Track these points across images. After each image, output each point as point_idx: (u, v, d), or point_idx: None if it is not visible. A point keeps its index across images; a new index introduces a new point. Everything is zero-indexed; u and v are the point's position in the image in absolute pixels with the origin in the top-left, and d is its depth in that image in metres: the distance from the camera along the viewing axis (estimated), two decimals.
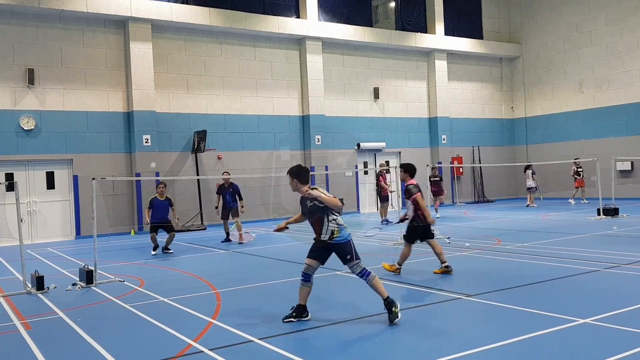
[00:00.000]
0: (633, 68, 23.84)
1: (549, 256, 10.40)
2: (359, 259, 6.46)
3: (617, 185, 20.30)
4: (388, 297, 6.36)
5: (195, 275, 10.16)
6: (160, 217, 13.48)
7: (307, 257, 6.58)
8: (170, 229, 13.58)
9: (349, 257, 6.41)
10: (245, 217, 18.37)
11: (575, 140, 25.83)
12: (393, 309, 6.28)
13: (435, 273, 9.07)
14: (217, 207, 15.05)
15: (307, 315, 6.56)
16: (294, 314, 6.52)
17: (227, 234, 14.89)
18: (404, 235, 9.39)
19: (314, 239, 6.59)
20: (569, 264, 9.57)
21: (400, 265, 9.21)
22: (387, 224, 17.45)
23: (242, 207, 14.81)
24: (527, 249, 11.44)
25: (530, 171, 22.64)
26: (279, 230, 6.86)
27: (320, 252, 6.55)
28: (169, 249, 13.46)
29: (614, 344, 5.28)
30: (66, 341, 6.27)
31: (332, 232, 6.41)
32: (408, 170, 9.44)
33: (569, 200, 22.93)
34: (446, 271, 9.02)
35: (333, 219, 6.44)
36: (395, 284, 8.55)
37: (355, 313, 6.80)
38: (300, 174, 6.54)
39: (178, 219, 14.13)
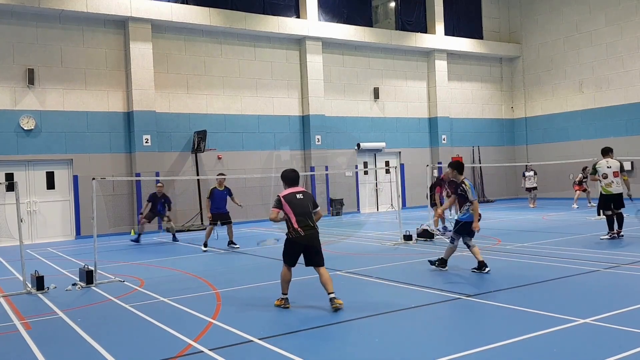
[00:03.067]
0: (633, 68, 23.84)
1: (549, 256, 10.40)
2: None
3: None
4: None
5: (195, 275, 10.16)
6: (219, 208, 13.83)
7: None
8: (227, 221, 13.80)
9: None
10: (245, 217, 18.39)
11: (575, 140, 25.82)
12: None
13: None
14: (142, 213, 16.25)
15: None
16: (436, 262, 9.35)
17: (140, 235, 15.98)
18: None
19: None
20: (569, 264, 9.57)
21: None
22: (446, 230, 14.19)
23: (169, 218, 16.30)
24: (527, 249, 11.44)
25: (524, 171, 22.58)
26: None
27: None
28: (235, 243, 13.60)
29: (614, 344, 5.28)
30: (66, 341, 6.27)
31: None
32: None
33: (573, 205, 21.88)
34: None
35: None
36: (396, 283, 8.55)
37: (354, 313, 6.79)
38: (459, 167, 9.25)
39: (241, 205, 14.51)
